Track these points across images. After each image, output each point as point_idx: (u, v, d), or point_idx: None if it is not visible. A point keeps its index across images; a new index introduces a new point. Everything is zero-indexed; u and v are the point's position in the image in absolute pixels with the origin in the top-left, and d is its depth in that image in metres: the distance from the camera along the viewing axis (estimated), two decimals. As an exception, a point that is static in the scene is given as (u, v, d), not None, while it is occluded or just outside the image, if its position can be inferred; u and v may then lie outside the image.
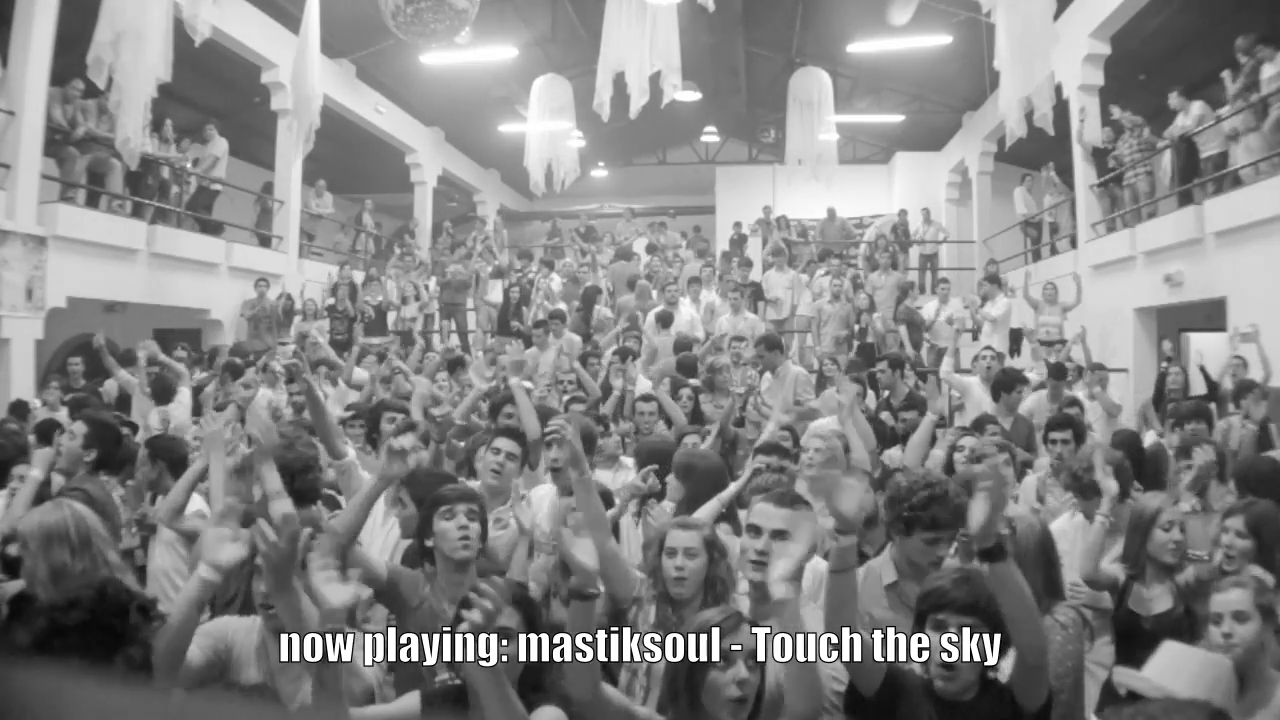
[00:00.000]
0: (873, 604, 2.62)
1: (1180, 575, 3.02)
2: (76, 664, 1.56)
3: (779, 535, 2.31)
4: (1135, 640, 2.89)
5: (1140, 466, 4.80)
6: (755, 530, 2.39)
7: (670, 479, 3.57)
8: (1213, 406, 5.91)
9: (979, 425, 5.17)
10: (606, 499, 3.15)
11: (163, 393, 6.81)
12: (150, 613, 1.73)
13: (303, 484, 2.90)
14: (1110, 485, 3.40)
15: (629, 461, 4.56)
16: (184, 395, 6.96)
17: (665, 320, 8.50)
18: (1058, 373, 6.72)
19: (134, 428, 5.57)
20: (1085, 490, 3.63)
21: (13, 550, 2.64)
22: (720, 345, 7.71)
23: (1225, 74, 8.24)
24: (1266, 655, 2.33)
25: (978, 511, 1.89)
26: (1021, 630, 1.92)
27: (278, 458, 2.95)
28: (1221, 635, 2.30)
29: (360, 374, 7.45)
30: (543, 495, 3.57)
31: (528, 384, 5.98)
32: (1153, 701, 1.63)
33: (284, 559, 1.86)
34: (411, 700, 2.06)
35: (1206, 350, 8.46)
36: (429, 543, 2.77)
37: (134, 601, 1.69)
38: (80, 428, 3.87)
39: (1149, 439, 5.73)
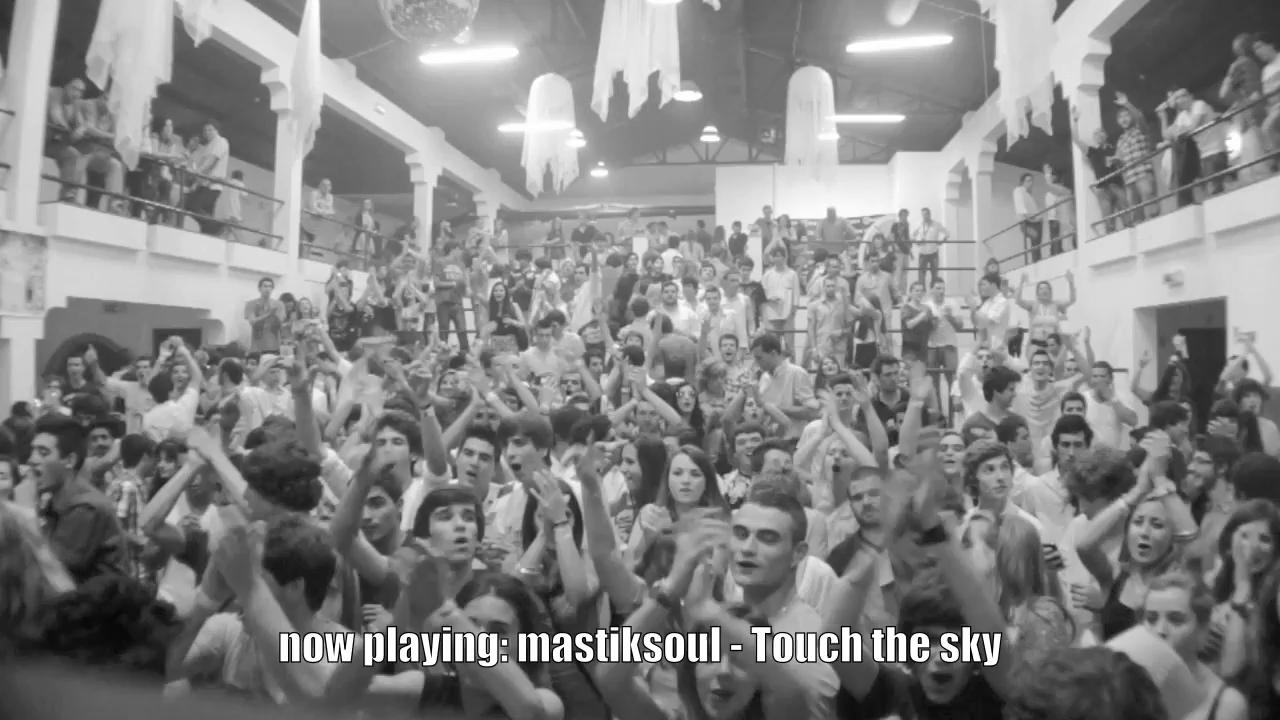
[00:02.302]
0: (869, 605, 2.62)
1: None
2: (83, 659, 1.57)
3: (765, 535, 2.30)
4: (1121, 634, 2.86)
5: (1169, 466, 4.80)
6: (742, 531, 2.33)
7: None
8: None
9: (1008, 432, 4.89)
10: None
11: (160, 390, 6.79)
12: (169, 616, 1.72)
13: (292, 490, 2.91)
14: (1145, 476, 3.25)
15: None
16: (190, 397, 6.89)
17: (640, 309, 8.54)
18: (1042, 350, 6.80)
19: (122, 427, 5.54)
20: (1089, 491, 3.60)
21: None
22: (711, 345, 7.69)
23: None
24: (1194, 656, 2.30)
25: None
26: (972, 612, 1.94)
27: (269, 461, 2.96)
28: (1156, 635, 2.26)
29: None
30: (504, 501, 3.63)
31: (533, 385, 6.04)
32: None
33: (237, 559, 1.91)
34: (415, 678, 2.09)
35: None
36: (425, 543, 2.79)
37: (148, 603, 1.68)
38: (49, 439, 3.68)
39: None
